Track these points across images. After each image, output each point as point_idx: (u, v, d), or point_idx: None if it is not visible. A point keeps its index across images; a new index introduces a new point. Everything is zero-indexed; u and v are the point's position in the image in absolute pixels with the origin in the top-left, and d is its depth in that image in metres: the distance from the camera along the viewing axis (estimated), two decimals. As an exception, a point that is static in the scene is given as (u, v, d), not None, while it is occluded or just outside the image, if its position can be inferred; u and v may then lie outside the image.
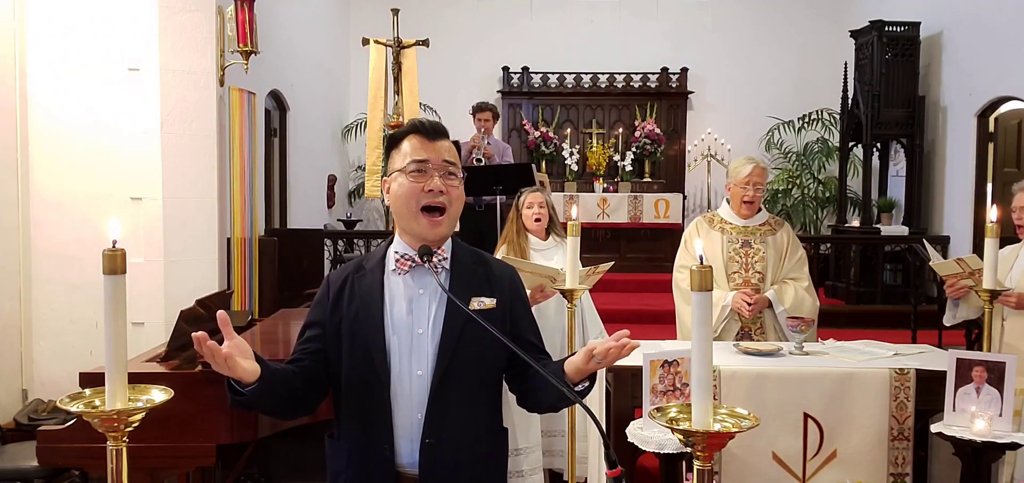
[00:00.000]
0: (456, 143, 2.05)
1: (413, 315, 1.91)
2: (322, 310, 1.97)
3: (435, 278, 1.88)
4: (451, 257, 1.98)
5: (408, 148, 1.93)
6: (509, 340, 1.72)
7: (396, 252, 1.96)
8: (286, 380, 1.86)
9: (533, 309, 3.89)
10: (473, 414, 1.93)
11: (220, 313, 1.68)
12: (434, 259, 1.91)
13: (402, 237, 1.97)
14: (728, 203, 4.00)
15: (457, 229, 2.17)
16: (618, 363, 3.14)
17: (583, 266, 3.85)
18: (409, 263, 1.92)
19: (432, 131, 1.94)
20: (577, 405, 1.72)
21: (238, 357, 1.69)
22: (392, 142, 1.99)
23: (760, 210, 3.98)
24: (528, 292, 3.79)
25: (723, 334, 3.80)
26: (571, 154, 10.53)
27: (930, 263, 3.77)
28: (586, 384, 1.83)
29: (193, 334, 1.62)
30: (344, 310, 1.94)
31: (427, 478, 1.87)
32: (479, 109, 6.75)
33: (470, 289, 1.93)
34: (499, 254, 4.10)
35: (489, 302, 1.92)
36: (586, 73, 10.92)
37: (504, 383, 2.06)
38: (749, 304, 3.74)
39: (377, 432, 1.89)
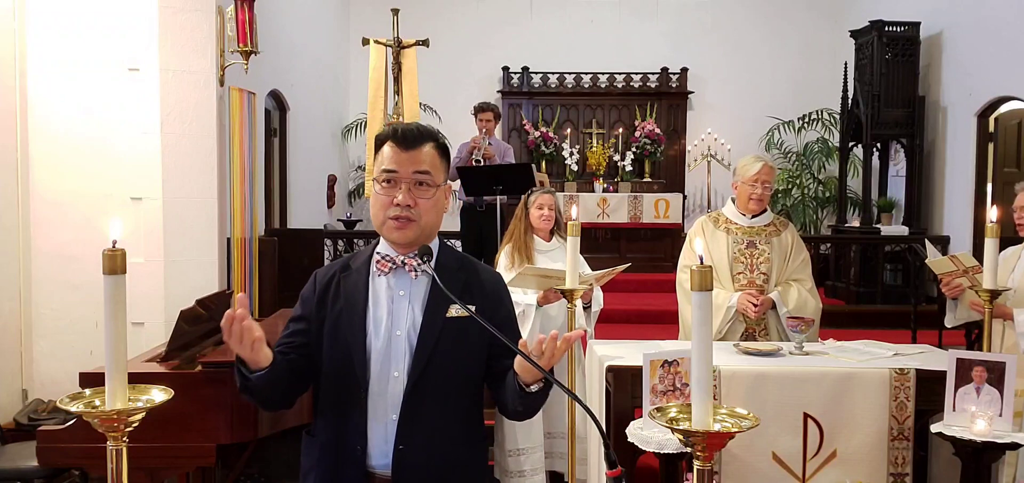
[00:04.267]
0: (443, 145, 2.02)
1: (392, 317, 1.92)
2: (308, 305, 1.99)
3: (431, 274, 1.87)
4: (435, 261, 1.96)
5: (383, 156, 1.93)
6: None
7: (379, 253, 1.96)
8: (284, 371, 1.88)
9: (539, 310, 3.93)
10: (449, 420, 1.92)
11: (240, 296, 1.71)
12: (414, 262, 1.91)
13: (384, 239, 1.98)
14: (733, 202, 3.97)
15: (456, 228, 2.16)
16: (618, 363, 3.17)
17: (587, 267, 3.87)
18: (389, 264, 1.92)
19: (405, 139, 1.91)
20: (577, 405, 1.72)
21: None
22: (376, 145, 1.97)
23: (765, 210, 3.96)
24: (541, 294, 3.82)
25: (728, 335, 3.78)
26: (571, 154, 10.53)
27: (926, 261, 3.76)
28: (540, 385, 1.80)
29: (227, 312, 1.67)
30: (329, 308, 1.95)
31: (400, 482, 1.88)
32: (481, 109, 6.76)
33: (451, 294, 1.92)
34: (503, 252, 4.13)
35: (463, 312, 1.86)
36: (586, 73, 10.92)
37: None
38: (755, 305, 3.73)
39: (351, 432, 1.89)
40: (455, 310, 1.88)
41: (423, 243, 1.94)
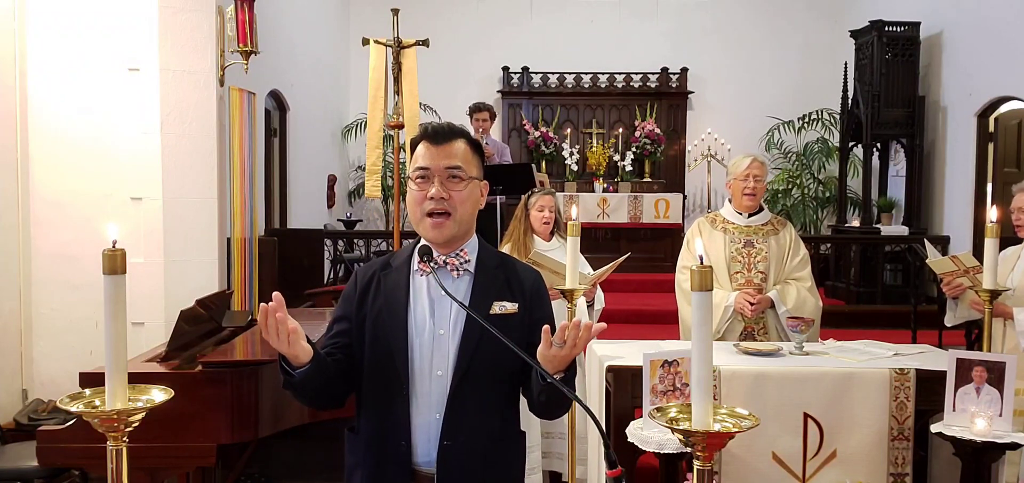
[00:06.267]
0: (476, 142, 2.05)
1: (435, 316, 1.93)
2: (349, 304, 2.00)
3: (440, 286, 1.87)
4: (476, 260, 1.99)
5: (417, 155, 1.97)
6: (517, 345, 1.71)
7: (419, 253, 1.97)
8: (329, 369, 1.89)
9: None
10: (491, 416, 1.94)
11: (275, 293, 1.72)
12: (457, 261, 1.94)
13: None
14: (730, 202, 4.01)
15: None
16: (618, 363, 3.17)
17: (588, 266, 3.87)
18: (431, 265, 1.93)
19: (437, 135, 1.96)
20: (577, 405, 1.71)
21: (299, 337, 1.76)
22: (411, 148, 2.03)
23: (762, 209, 3.99)
24: None
25: (726, 334, 3.79)
26: (571, 154, 10.53)
27: (927, 261, 3.77)
28: (561, 375, 1.79)
29: (262, 305, 1.68)
30: (369, 306, 1.97)
31: (444, 479, 1.89)
32: (476, 109, 6.76)
33: (492, 293, 1.94)
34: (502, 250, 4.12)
35: (511, 307, 1.92)
36: (586, 73, 10.92)
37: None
38: (752, 304, 3.74)
39: (395, 429, 1.91)
40: (498, 307, 1.90)
41: (460, 239, 1.96)
